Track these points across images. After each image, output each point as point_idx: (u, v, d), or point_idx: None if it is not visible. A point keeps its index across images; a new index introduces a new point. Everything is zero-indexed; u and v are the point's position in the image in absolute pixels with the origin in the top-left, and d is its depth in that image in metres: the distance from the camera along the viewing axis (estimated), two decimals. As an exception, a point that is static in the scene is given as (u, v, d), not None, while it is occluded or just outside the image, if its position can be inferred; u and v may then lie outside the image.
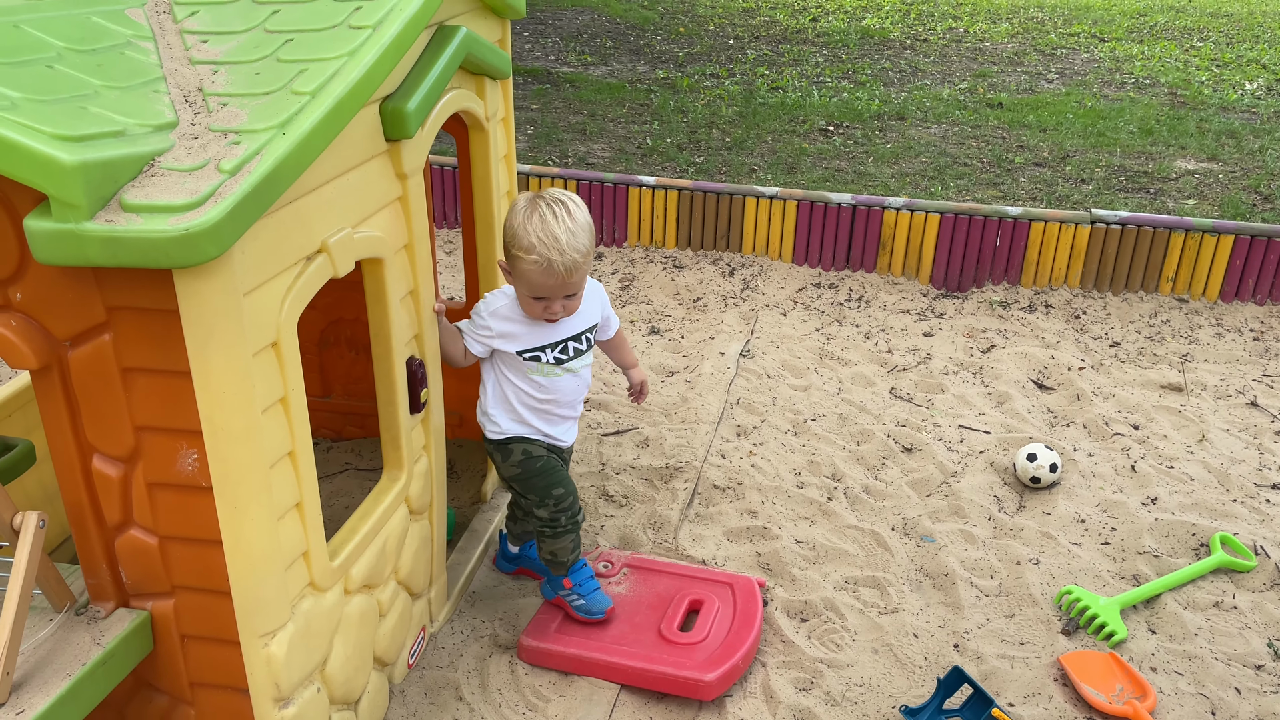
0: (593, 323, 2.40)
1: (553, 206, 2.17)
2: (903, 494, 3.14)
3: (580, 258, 2.17)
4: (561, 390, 2.37)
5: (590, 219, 2.23)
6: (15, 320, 1.55)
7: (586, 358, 2.41)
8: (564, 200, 2.20)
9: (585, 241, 2.18)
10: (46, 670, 1.60)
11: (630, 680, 2.37)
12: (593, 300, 2.40)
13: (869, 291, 4.56)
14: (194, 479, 1.64)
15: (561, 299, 2.24)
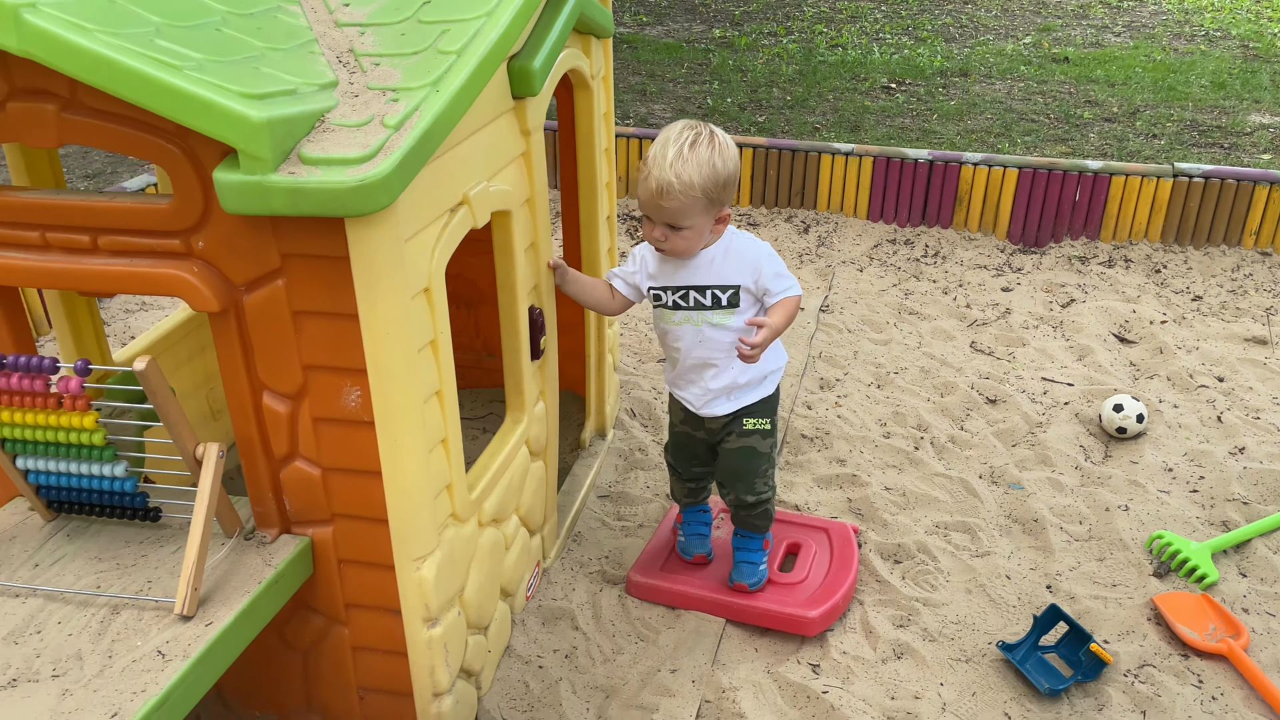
0: (731, 284, 2.25)
1: (686, 131, 2.14)
2: (989, 443, 3.21)
3: (677, 184, 2.08)
4: (682, 342, 2.32)
5: (719, 164, 2.12)
6: (197, 267, 1.68)
7: (715, 316, 2.28)
8: (702, 131, 2.15)
9: (693, 175, 2.09)
10: (226, 588, 1.75)
11: (735, 616, 2.48)
12: (739, 262, 2.25)
13: (945, 247, 4.59)
14: (356, 414, 1.76)
15: (662, 226, 2.18)
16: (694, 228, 2.17)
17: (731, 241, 2.28)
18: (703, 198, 2.12)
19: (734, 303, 2.27)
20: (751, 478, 2.41)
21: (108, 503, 1.84)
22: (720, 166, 2.13)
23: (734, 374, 2.33)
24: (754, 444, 2.39)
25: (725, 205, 2.21)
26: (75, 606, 1.70)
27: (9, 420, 1.71)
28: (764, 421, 2.39)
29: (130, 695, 1.51)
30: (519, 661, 2.33)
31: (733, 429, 2.39)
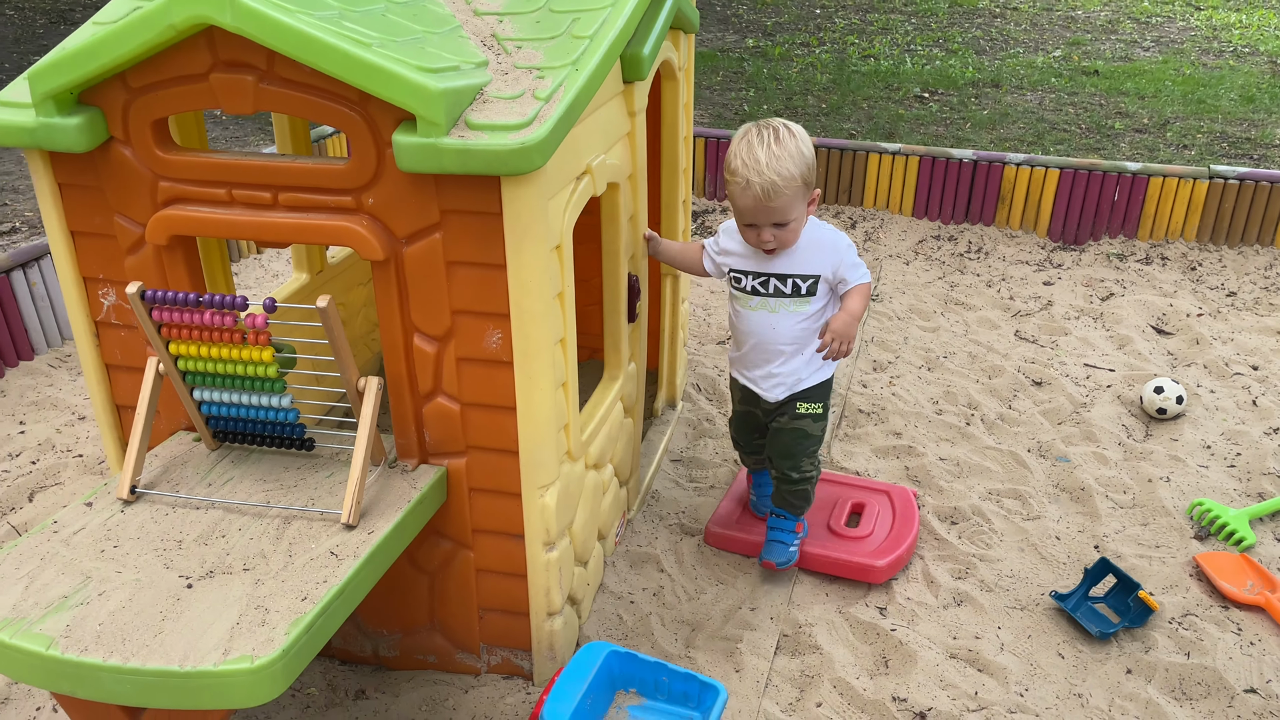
0: (813, 273, 2.36)
1: (763, 131, 2.24)
2: (1036, 421, 3.42)
3: (781, 181, 2.19)
4: (755, 326, 2.43)
5: (806, 150, 2.25)
6: (366, 220, 1.92)
7: (791, 304, 2.38)
8: (777, 126, 2.26)
9: (790, 167, 2.20)
10: (380, 505, 1.98)
11: (807, 564, 2.70)
12: (821, 252, 2.36)
13: (988, 244, 4.80)
14: (496, 355, 2.00)
15: (770, 226, 2.28)
16: (798, 218, 2.29)
17: (813, 231, 2.38)
18: (802, 186, 2.24)
19: (812, 291, 2.38)
20: (800, 456, 2.52)
21: (272, 433, 2.08)
22: (807, 150, 2.26)
23: (799, 362, 2.44)
24: (805, 427, 2.50)
25: (814, 187, 2.32)
26: (251, 517, 1.94)
27: (194, 354, 1.95)
28: (817, 406, 2.49)
29: (314, 584, 1.74)
30: (612, 597, 2.55)
31: (786, 410, 2.50)
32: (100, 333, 2.20)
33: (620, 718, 2.12)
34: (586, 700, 2.04)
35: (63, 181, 2.04)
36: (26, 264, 3.55)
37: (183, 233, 1.98)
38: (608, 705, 2.13)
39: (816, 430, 2.51)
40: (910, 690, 2.31)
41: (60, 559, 1.80)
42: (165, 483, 2.03)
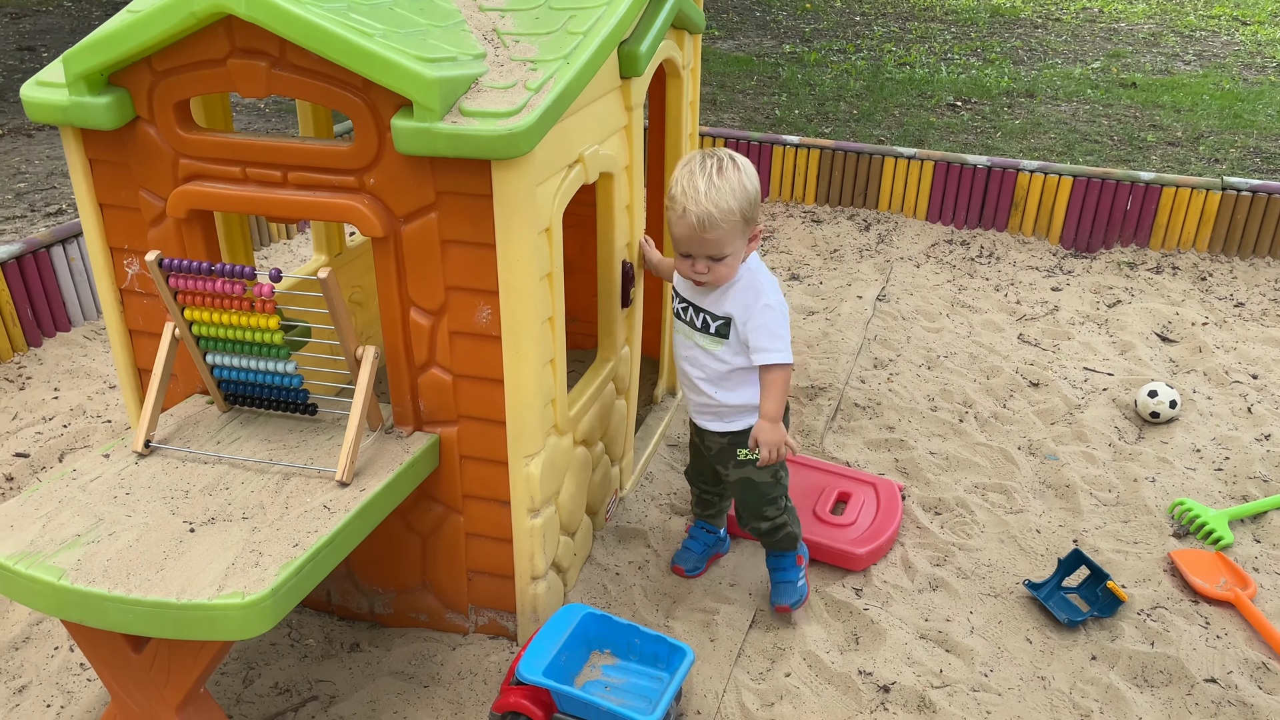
0: (723, 313, 2.26)
1: (707, 160, 2.16)
2: (1029, 420, 3.48)
3: (717, 213, 2.10)
4: (679, 349, 2.40)
5: (749, 185, 2.15)
6: (368, 200, 2.06)
7: (703, 339, 2.31)
8: (722, 157, 2.16)
9: (729, 200, 2.11)
10: (373, 466, 2.12)
11: (789, 546, 2.80)
12: (739, 296, 2.24)
13: (1000, 249, 4.86)
14: (486, 329, 2.13)
15: (705, 258, 2.18)
16: (735, 253, 2.19)
17: (745, 272, 2.25)
18: (741, 220, 2.14)
19: (722, 334, 2.27)
20: (758, 505, 2.43)
21: (277, 397, 2.22)
22: (750, 186, 2.16)
23: (718, 398, 2.35)
24: (749, 474, 2.39)
25: (756, 224, 2.21)
26: (254, 472, 2.08)
27: (206, 320, 2.10)
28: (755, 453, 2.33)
29: (306, 533, 1.88)
30: (599, 569, 2.68)
31: (729, 457, 2.40)
32: (124, 300, 2.37)
33: (594, 675, 2.23)
34: (561, 656, 2.16)
35: (92, 157, 2.21)
36: (66, 240, 3.76)
37: (200, 207, 2.14)
38: (583, 663, 2.25)
39: (763, 478, 2.40)
40: (877, 665, 2.40)
41: (76, 502, 1.96)
42: (178, 439, 2.18)
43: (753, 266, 2.26)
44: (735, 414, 2.36)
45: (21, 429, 3.26)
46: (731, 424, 2.37)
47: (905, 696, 2.32)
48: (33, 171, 6.25)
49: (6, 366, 3.58)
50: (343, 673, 2.33)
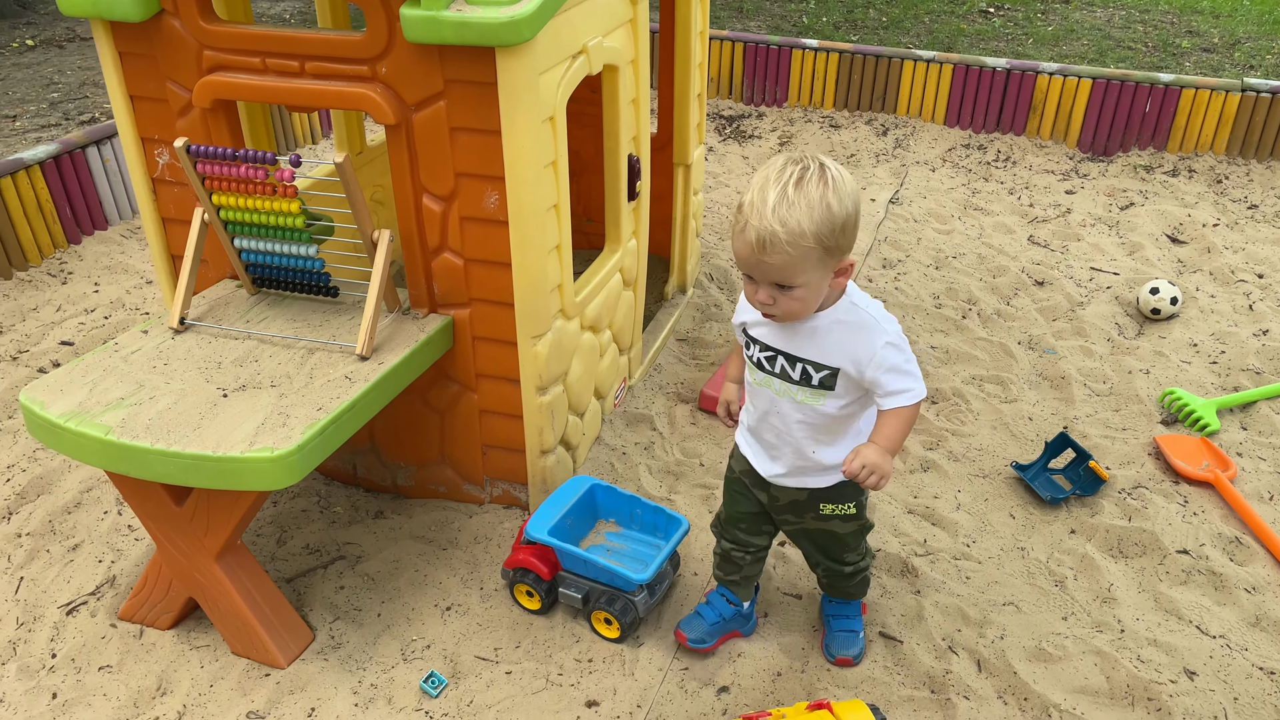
0: (829, 364, 1.82)
1: (789, 167, 1.68)
2: (1031, 317, 3.57)
3: (783, 233, 1.63)
4: (761, 403, 1.96)
5: (836, 205, 1.64)
6: (379, 88, 2.16)
7: (799, 393, 1.87)
8: (810, 165, 1.68)
9: (804, 221, 1.63)
10: (391, 343, 2.27)
11: (789, 430, 2.93)
12: (847, 340, 1.80)
13: (1016, 153, 4.87)
14: (494, 215, 2.25)
15: (770, 286, 1.73)
16: (808, 285, 1.71)
17: (850, 311, 1.81)
18: (817, 248, 1.65)
19: (828, 385, 1.84)
20: (840, 553, 2.13)
21: (301, 280, 2.37)
22: (836, 207, 1.65)
23: (816, 456, 1.94)
24: (833, 528, 2.06)
25: (846, 254, 1.72)
26: (280, 347, 2.24)
27: (233, 205, 2.24)
28: (847, 507, 2.02)
29: (329, 399, 2.04)
30: (607, 449, 2.84)
31: (807, 510, 2.04)
32: (156, 189, 2.51)
33: (598, 540, 2.41)
34: (568, 520, 2.33)
35: (122, 50, 2.32)
36: (100, 141, 3.90)
37: (224, 97, 2.25)
38: (589, 529, 2.42)
39: (848, 529, 2.08)
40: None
41: (119, 371, 2.13)
42: (210, 317, 2.34)
43: (856, 300, 1.81)
44: (829, 472, 1.97)
45: (65, 319, 3.45)
46: (821, 480, 1.99)
47: (890, 562, 2.48)
48: (65, 81, 6.37)
49: (49, 262, 3.76)
50: (368, 536, 2.53)
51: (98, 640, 2.22)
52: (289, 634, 2.19)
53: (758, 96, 5.45)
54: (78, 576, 2.40)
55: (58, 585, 2.38)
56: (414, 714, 2.07)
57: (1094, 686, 2.15)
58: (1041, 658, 2.22)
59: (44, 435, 2.00)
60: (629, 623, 2.21)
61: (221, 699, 2.09)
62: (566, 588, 2.27)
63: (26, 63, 6.84)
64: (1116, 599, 2.38)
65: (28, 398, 2.02)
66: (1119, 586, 2.42)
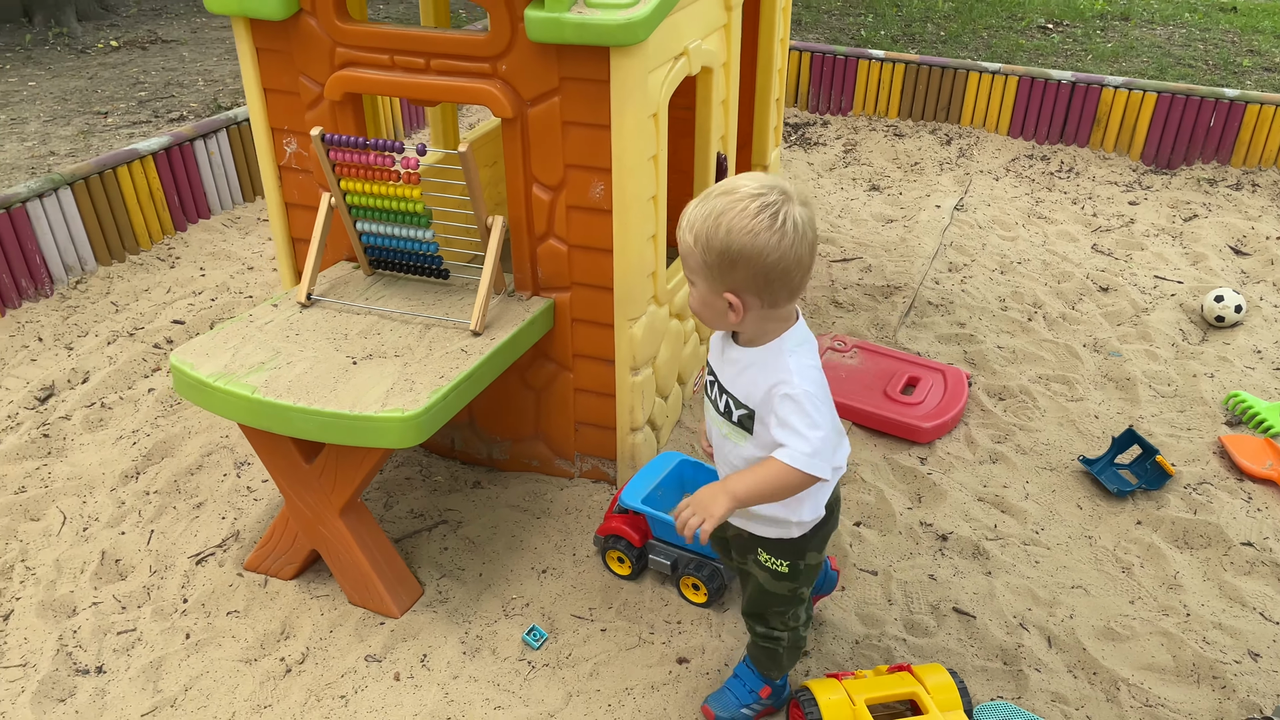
0: (746, 402, 1.73)
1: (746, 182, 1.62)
2: (1096, 321, 3.66)
3: (685, 219, 1.64)
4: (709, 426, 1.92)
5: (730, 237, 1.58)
6: (499, 84, 2.34)
7: (724, 426, 1.81)
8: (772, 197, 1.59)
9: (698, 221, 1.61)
10: (499, 322, 2.44)
11: (861, 420, 3.06)
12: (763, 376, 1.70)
13: (1080, 164, 4.95)
14: (598, 204, 2.41)
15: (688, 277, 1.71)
16: (697, 288, 1.69)
17: (773, 354, 1.70)
18: (699, 255, 1.63)
19: (746, 426, 1.75)
20: (765, 612, 1.99)
21: (416, 262, 2.55)
22: (722, 236, 1.58)
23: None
24: (765, 582, 1.93)
25: (738, 290, 1.63)
26: (399, 322, 2.42)
27: (358, 190, 2.42)
28: (780, 564, 1.90)
29: (449, 368, 2.21)
30: (687, 431, 2.98)
31: (750, 553, 1.95)
32: (282, 175, 2.70)
33: (684, 512, 2.55)
34: (658, 492, 2.48)
35: (259, 46, 2.53)
36: (207, 135, 4.14)
37: (354, 91, 2.44)
38: (676, 502, 2.57)
39: (780, 589, 1.93)
40: (937, 519, 2.68)
41: (256, 339, 2.32)
42: (332, 295, 2.53)
43: (786, 347, 1.70)
44: (767, 523, 1.86)
45: (175, 300, 3.67)
46: (759, 527, 1.88)
47: (961, 545, 2.59)
48: (150, 81, 6.68)
49: (158, 247, 4.00)
50: (467, 504, 2.69)
51: (225, 588, 2.41)
52: (402, 587, 2.36)
53: (823, 105, 5.58)
54: (204, 531, 2.59)
55: (186, 538, 2.57)
56: (517, 663, 2.23)
57: (1161, 664, 2.26)
58: (1110, 636, 2.33)
59: (192, 393, 2.19)
60: (715, 589, 2.35)
61: (341, 643, 2.26)
62: (656, 554, 2.42)
63: (112, 63, 7.17)
64: (1182, 586, 2.48)
65: (178, 360, 2.22)
66: (1184, 575, 2.52)
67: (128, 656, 2.25)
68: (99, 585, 2.44)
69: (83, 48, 7.52)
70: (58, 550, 2.54)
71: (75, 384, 3.20)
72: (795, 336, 1.72)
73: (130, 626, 2.32)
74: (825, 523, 1.89)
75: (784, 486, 1.67)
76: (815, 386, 1.67)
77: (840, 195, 4.73)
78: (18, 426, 2.99)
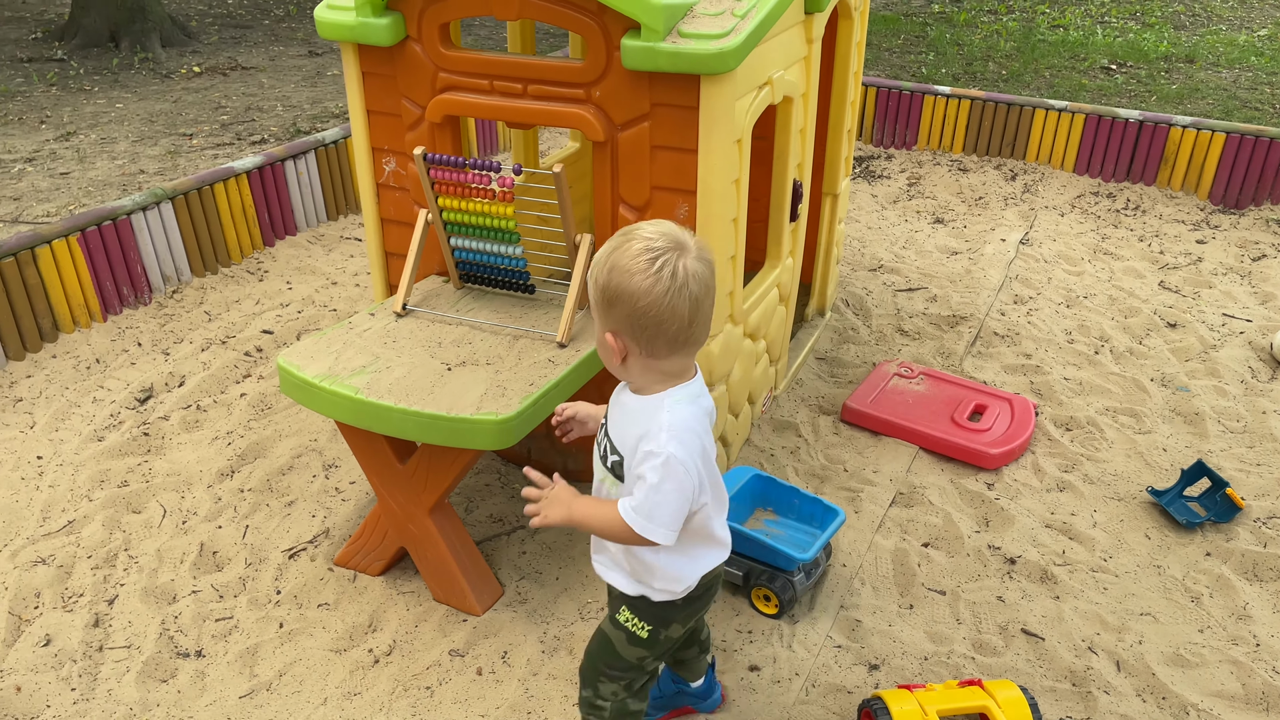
0: (619, 447, 1.67)
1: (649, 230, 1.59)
2: (1163, 356, 3.67)
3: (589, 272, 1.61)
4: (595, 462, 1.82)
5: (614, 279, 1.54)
6: (592, 109, 2.46)
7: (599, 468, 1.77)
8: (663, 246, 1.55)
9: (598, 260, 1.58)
10: (583, 336, 2.53)
11: (929, 445, 3.11)
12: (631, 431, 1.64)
13: (1146, 202, 4.97)
14: (682, 224, 2.50)
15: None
16: (595, 322, 1.64)
17: (653, 405, 1.62)
18: (592, 289, 1.60)
19: (618, 474, 1.70)
20: (601, 674, 1.88)
21: (504, 277, 2.67)
22: (605, 273, 1.56)
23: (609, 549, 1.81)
24: (613, 636, 1.84)
25: (617, 331, 1.58)
26: (489, 333, 2.54)
27: (454, 207, 2.55)
28: (639, 625, 1.81)
29: (538, 376, 2.32)
30: (755, 450, 3.06)
31: (614, 608, 1.87)
32: (380, 193, 2.85)
33: (757, 525, 2.62)
34: (730, 505, 2.55)
35: (365, 70, 2.68)
36: (297, 156, 4.34)
37: (454, 113, 2.58)
38: (748, 515, 2.64)
39: (629, 654, 1.84)
40: (1005, 543, 2.71)
41: (356, 344, 2.45)
42: (425, 305, 2.66)
43: (665, 403, 1.61)
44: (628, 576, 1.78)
45: (264, 312, 3.85)
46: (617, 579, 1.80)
47: (1029, 569, 2.63)
48: (232, 105, 6.97)
49: (248, 261, 4.19)
50: (543, 511, 2.79)
51: (316, 581, 2.53)
52: (484, 586, 2.45)
53: (887, 139, 5.67)
54: (295, 528, 2.72)
55: (279, 534, 2.70)
56: (595, 664, 2.30)
57: (1230, 691, 2.27)
58: (1179, 663, 2.34)
59: (298, 393, 2.32)
60: (787, 600, 2.41)
61: (426, 637, 2.36)
62: (729, 565, 2.49)
63: (195, 87, 7.50)
64: (1252, 617, 2.49)
65: (286, 361, 2.35)
66: (1254, 606, 2.52)
67: (225, 642, 2.37)
68: (198, 575, 2.57)
69: (167, 73, 7.87)
70: (159, 541, 2.68)
71: (172, 387, 3.37)
72: (682, 394, 1.63)
73: (227, 614, 2.44)
74: (698, 598, 1.80)
75: (613, 532, 1.63)
76: (684, 451, 1.58)
77: (905, 227, 4.79)
78: (120, 425, 3.16)
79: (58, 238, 3.49)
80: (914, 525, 2.78)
